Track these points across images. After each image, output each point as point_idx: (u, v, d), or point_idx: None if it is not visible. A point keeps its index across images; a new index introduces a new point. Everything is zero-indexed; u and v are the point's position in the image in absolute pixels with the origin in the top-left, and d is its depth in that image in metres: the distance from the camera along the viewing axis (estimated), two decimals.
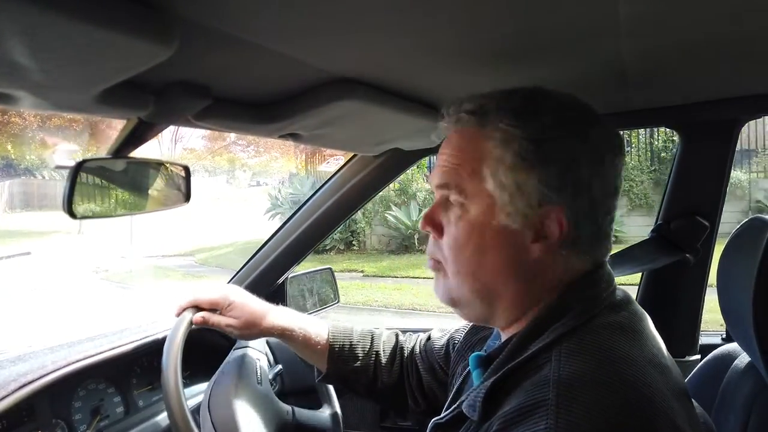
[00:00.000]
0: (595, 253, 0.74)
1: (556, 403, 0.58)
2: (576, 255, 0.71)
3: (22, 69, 0.59)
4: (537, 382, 0.62)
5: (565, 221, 0.69)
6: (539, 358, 0.66)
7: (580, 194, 0.69)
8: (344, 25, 0.68)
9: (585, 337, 0.66)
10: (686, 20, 0.73)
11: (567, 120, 0.71)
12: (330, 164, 14.12)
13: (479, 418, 0.66)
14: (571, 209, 0.69)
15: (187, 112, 0.87)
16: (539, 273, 0.71)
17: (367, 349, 1.16)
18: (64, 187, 0.87)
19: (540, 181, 0.68)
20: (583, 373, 0.61)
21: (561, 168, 0.68)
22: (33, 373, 1.06)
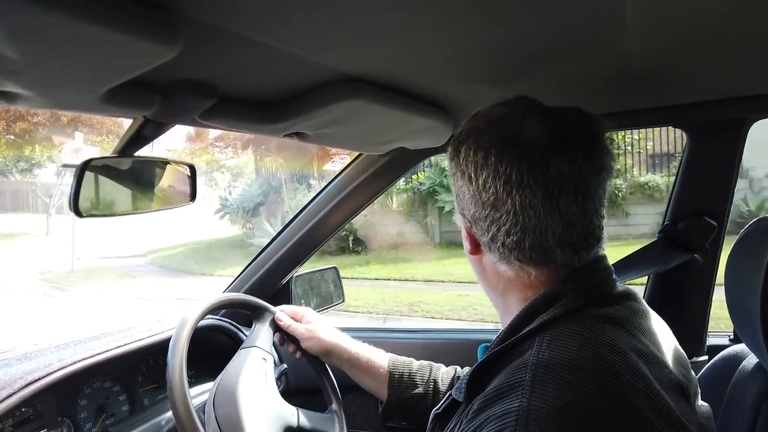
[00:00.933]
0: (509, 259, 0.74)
1: (531, 383, 0.61)
2: (497, 258, 0.75)
3: (29, 68, 0.59)
4: (517, 365, 0.65)
5: (465, 227, 0.79)
6: (523, 345, 0.69)
7: (466, 206, 0.76)
8: (351, 24, 0.67)
9: (569, 325, 0.68)
10: (693, 19, 0.73)
11: (458, 139, 0.77)
12: (335, 164, 14.10)
13: (464, 399, 0.71)
14: (467, 218, 0.77)
15: (193, 111, 0.87)
16: (483, 266, 0.80)
17: (426, 378, 1.24)
18: (71, 186, 0.87)
19: (453, 192, 0.80)
20: (561, 356, 0.63)
21: (454, 182, 0.78)
22: (39, 371, 1.06)
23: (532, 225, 0.70)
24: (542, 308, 0.71)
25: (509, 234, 0.71)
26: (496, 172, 0.70)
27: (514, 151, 0.70)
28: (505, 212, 0.71)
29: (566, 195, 0.70)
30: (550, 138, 0.70)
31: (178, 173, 1.07)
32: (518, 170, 0.69)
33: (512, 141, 0.71)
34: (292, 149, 14.29)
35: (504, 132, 0.72)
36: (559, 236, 0.71)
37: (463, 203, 0.76)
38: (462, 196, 0.76)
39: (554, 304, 0.71)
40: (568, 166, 0.69)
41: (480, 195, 0.72)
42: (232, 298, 1.31)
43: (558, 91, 1.05)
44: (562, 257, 0.72)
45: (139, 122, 0.87)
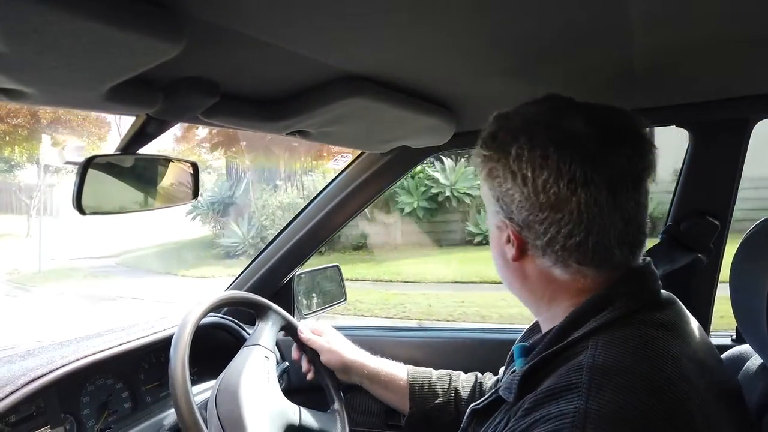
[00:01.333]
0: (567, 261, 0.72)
1: (588, 386, 0.61)
2: (550, 263, 0.74)
3: (33, 66, 0.59)
4: (571, 367, 0.65)
5: (513, 232, 0.75)
6: (576, 347, 0.68)
7: (516, 208, 0.73)
8: (353, 22, 0.67)
9: (623, 329, 0.68)
10: (696, 18, 0.73)
11: (498, 139, 0.74)
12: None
13: (514, 399, 0.71)
14: (515, 222, 0.74)
15: (196, 109, 0.87)
16: (526, 273, 0.77)
17: (446, 387, 1.24)
18: (74, 183, 0.88)
19: (492, 194, 0.76)
20: (617, 360, 0.63)
21: (498, 183, 0.74)
22: (42, 368, 1.07)
23: (596, 224, 0.69)
24: (593, 312, 0.70)
25: (571, 235, 0.70)
26: (558, 171, 0.68)
27: (575, 148, 0.68)
28: (568, 212, 0.69)
29: (626, 191, 0.70)
30: (604, 134, 0.70)
31: (180, 171, 1.07)
32: (582, 167, 0.68)
33: (571, 138, 0.69)
34: (258, 150, 14.38)
35: (558, 129, 0.70)
36: (619, 234, 0.70)
37: (511, 206, 0.73)
38: (509, 199, 0.73)
39: (607, 307, 0.70)
40: (626, 160, 0.69)
41: (537, 196, 0.70)
42: (234, 296, 1.31)
43: (559, 90, 1.05)
44: (619, 257, 0.71)
45: (142, 120, 0.87)
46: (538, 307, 0.80)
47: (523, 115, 0.74)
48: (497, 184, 0.74)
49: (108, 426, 1.23)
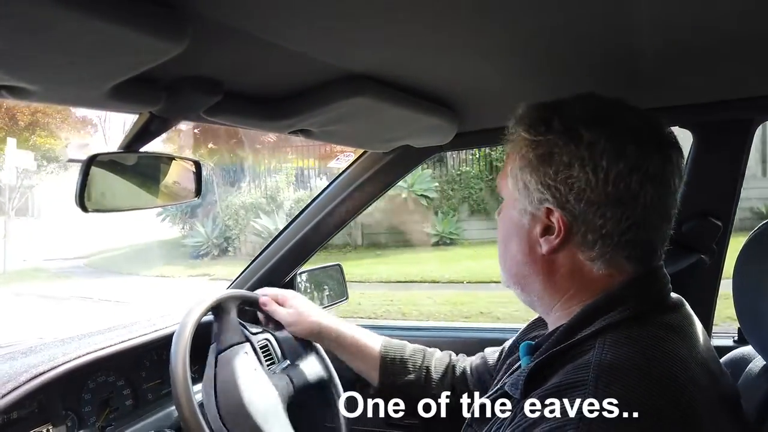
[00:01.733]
0: (616, 259, 0.72)
1: (595, 383, 0.61)
2: (588, 257, 0.72)
3: (37, 64, 0.59)
4: (578, 365, 0.65)
5: (562, 221, 0.72)
6: (583, 346, 0.68)
7: (575, 197, 0.71)
8: (357, 21, 0.67)
9: (632, 329, 0.67)
10: (700, 19, 0.72)
11: (566, 124, 0.72)
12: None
13: (520, 395, 0.70)
14: (567, 210, 0.71)
15: (199, 107, 0.87)
16: (556, 267, 0.75)
17: (418, 364, 1.20)
18: (77, 181, 0.88)
19: (539, 181, 0.73)
20: (625, 359, 0.63)
21: (556, 169, 0.71)
22: (43, 365, 1.07)
23: (653, 221, 0.70)
24: (602, 311, 0.70)
25: (630, 230, 0.69)
26: (635, 165, 0.68)
27: (652, 142, 0.69)
28: (633, 207, 0.69)
29: (674, 192, 0.71)
30: (665, 135, 0.71)
31: (183, 169, 1.07)
32: (654, 164, 0.68)
33: (645, 134, 0.70)
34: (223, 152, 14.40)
35: (630, 123, 0.70)
36: (662, 234, 0.71)
37: (567, 195, 0.71)
38: (566, 187, 0.70)
39: (616, 307, 0.70)
40: (675, 164, 0.71)
41: (606, 186, 0.68)
42: (234, 294, 1.31)
43: (562, 90, 1.04)
44: (659, 256, 0.73)
45: (145, 118, 0.87)
46: (553, 305, 0.78)
47: (581, 106, 0.74)
48: (553, 171, 0.71)
49: (109, 423, 1.23)
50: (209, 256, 12.44)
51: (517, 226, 0.77)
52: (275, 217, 11.75)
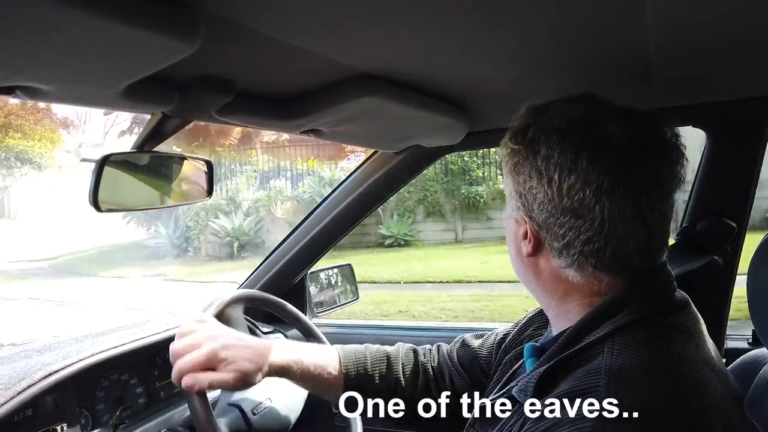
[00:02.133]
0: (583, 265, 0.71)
1: (606, 389, 0.61)
2: (563, 264, 0.73)
3: (51, 64, 0.60)
4: (589, 370, 0.65)
5: (530, 229, 0.74)
6: (592, 350, 0.68)
7: (537, 207, 0.72)
8: (368, 21, 0.68)
9: (640, 332, 0.67)
10: (715, 18, 0.72)
11: (534, 135, 0.72)
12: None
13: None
14: (534, 220, 0.73)
15: (211, 107, 0.87)
16: (540, 270, 0.76)
17: (384, 372, 1.07)
18: (90, 181, 0.88)
19: (514, 189, 0.75)
20: (635, 363, 0.63)
21: (523, 180, 0.73)
22: (58, 363, 1.08)
23: (617, 234, 0.68)
24: (608, 314, 0.70)
25: (590, 242, 0.69)
26: (586, 178, 0.67)
27: (607, 157, 0.67)
28: (590, 220, 0.68)
29: (652, 203, 0.69)
30: (640, 143, 0.69)
31: (194, 169, 1.08)
32: (611, 177, 0.67)
33: (604, 145, 0.68)
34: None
35: (593, 134, 0.69)
36: (640, 244, 0.69)
37: (532, 205, 0.72)
38: (531, 197, 0.72)
39: (622, 310, 0.69)
40: (655, 172, 0.68)
41: (561, 200, 0.69)
42: (246, 294, 1.32)
43: (575, 90, 1.04)
44: (637, 264, 0.70)
45: (158, 118, 0.88)
46: (549, 303, 0.79)
47: (558, 113, 0.73)
48: (522, 180, 0.73)
49: (122, 421, 1.25)
50: (170, 256, 12.63)
51: (510, 227, 0.80)
52: (233, 217, 11.94)
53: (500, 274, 8.03)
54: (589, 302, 0.73)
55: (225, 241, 12.04)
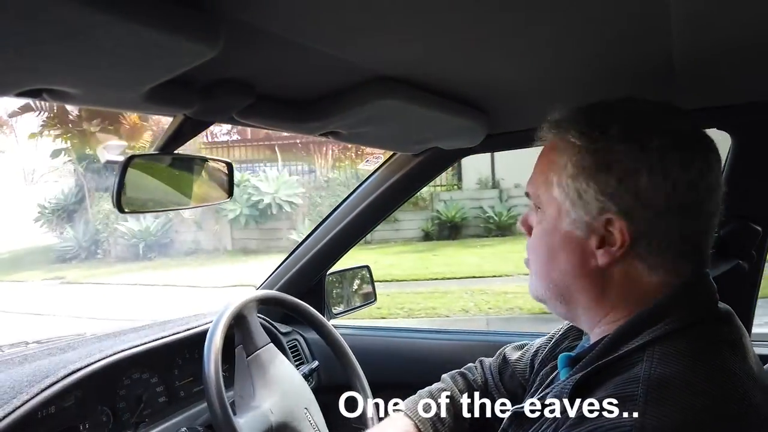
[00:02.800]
0: (677, 265, 0.70)
1: (644, 399, 0.59)
2: (649, 266, 0.70)
3: (78, 68, 0.61)
4: (627, 378, 0.63)
5: (626, 230, 0.68)
6: (631, 358, 0.66)
7: (642, 204, 0.68)
8: (387, 24, 0.68)
9: (681, 342, 0.65)
10: (739, 18, 0.70)
11: (629, 129, 0.70)
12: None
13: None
14: (632, 219, 0.68)
15: (231, 110, 0.88)
16: (610, 280, 0.72)
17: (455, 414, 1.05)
18: (114, 182, 0.90)
19: (599, 189, 0.69)
20: (675, 374, 0.62)
21: (619, 177, 0.68)
22: (81, 361, 1.10)
23: (712, 227, 0.70)
24: (649, 323, 0.68)
25: (693, 237, 0.69)
26: (701, 174, 0.67)
27: (711, 151, 0.70)
28: (698, 215, 0.69)
29: (719, 198, 0.71)
30: (706, 140, 0.71)
31: (215, 170, 1.09)
32: (715, 173, 0.69)
33: (705, 141, 0.70)
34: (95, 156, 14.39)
35: (693, 131, 0.70)
36: (711, 240, 0.71)
37: (633, 203, 0.68)
38: (631, 196, 0.68)
39: (663, 319, 0.67)
40: (718, 170, 0.71)
41: (674, 195, 0.67)
42: (265, 295, 1.33)
43: (596, 91, 1.03)
44: (706, 263, 0.72)
45: (179, 120, 0.89)
46: (599, 318, 0.75)
47: (639, 110, 0.72)
48: (616, 179, 0.68)
49: (143, 419, 1.26)
50: (77, 259, 12.90)
51: (568, 237, 0.73)
52: (141, 219, 12.22)
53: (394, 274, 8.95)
54: (633, 309, 0.71)
55: (131, 243, 12.39)
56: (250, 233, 12.52)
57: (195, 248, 12.58)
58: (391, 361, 1.61)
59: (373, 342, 1.66)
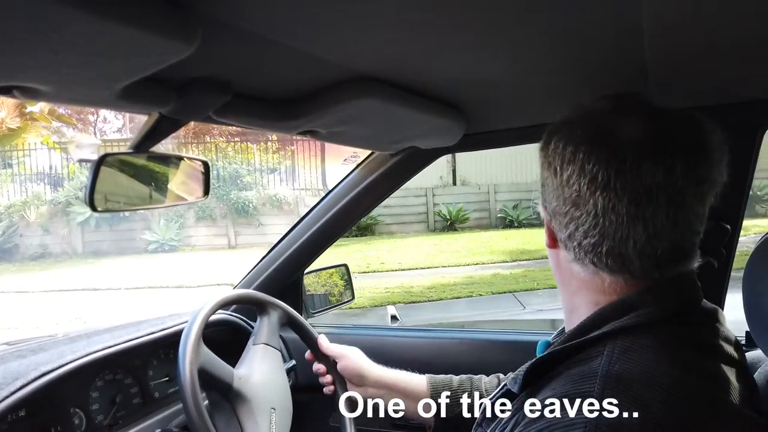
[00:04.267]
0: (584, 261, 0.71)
1: (600, 395, 0.59)
2: (569, 256, 0.73)
3: (49, 64, 0.60)
4: (585, 373, 0.63)
5: (545, 219, 0.76)
6: (591, 350, 0.67)
7: (546, 197, 0.74)
8: (366, 23, 0.68)
9: (644, 338, 0.66)
10: (709, 22, 0.72)
11: (549, 130, 0.74)
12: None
13: (519, 389, 0.71)
14: (546, 209, 0.75)
15: (208, 108, 0.87)
16: (561, 263, 0.76)
17: (468, 391, 1.18)
18: (87, 181, 0.88)
19: (542, 188, 0.76)
20: (632, 370, 0.62)
21: (543, 179, 0.75)
22: (52, 363, 1.08)
23: (612, 230, 0.67)
24: (615, 315, 0.69)
25: (587, 235, 0.69)
26: (581, 170, 0.67)
27: (604, 151, 0.66)
28: (586, 212, 0.68)
29: (656, 205, 0.66)
30: (648, 141, 0.66)
31: (191, 169, 1.08)
32: (605, 171, 0.66)
33: (604, 139, 0.67)
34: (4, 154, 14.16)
35: (598, 128, 0.69)
36: (641, 247, 0.67)
37: (546, 195, 0.74)
38: (546, 188, 0.74)
39: (629, 313, 0.68)
40: (662, 174, 0.65)
41: (562, 190, 0.69)
42: (243, 294, 1.32)
43: (571, 91, 1.04)
44: (640, 268, 0.68)
45: (155, 118, 0.87)
46: (565, 299, 0.79)
47: (586, 109, 0.73)
48: (541, 171, 0.75)
49: (117, 421, 1.24)
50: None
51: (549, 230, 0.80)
52: None
53: None
54: (596, 300, 0.72)
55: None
56: (102, 235, 12.36)
57: (42, 252, 12.32)
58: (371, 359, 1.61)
59: (351, 341, 1.66)
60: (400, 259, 10.20)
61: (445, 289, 8.07)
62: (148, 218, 12.12)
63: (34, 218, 12.29)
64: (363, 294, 7.80)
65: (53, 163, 13.31)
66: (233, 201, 12.02)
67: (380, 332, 1.75)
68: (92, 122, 19.28)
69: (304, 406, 1.46)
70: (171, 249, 11.92)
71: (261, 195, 12.38)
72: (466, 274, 9.01)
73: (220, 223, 12.23)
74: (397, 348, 1.60)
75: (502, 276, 8.72)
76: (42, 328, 7.11)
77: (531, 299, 7.24)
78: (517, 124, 1.34)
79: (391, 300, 7.60)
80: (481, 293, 7.79)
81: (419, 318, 6.79)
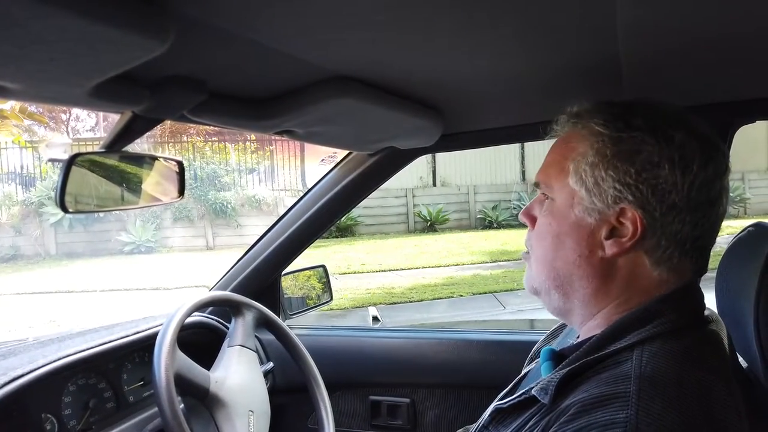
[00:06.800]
0: (680, 264, 0.71)
1: (637, 396, 0.60)
2: (655, 261, 0.70)
3: (15, 61, 0.58)
4: (618, 375, 0.64)
5: (640, 223, 0.69)
6: (619, 356, 0.67)
7: (658, 198, 0.68)
8: (342, 22, 0.67)
9: (670, 343, 0.66)
10: (683, 24, 0.73)
11: (653, 122, 0.70)
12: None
13: (550, 401, 0.68)
14: (648, 212, 0.69)
15: (182, 107, 0.86)
16: (614, 272, 0.72)
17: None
18: (57, 181, 0.87)
19: (617, 179, 0.69)
20: (666, 372, 0.63)
21: (639, 169, 0.68)
22: (23, 368, 1.05)
23: (716, 232, 0.71)
24: (637, 324, 0.69)
25: (702, 237, 0.70)
26: (718, 171, 0.68)
27: (724, 155, 0.70)
28: (710, 214, 0.69)
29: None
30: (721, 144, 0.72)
31: (166, 169, 1.07)
32: (727, 176, 0.70)
33: (718, 144, 0.71)
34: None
35: (710, 133, 0.71)
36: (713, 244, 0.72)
37: (650, 195, 0.68)
38: (649, 187, 0.68)
39: (652, 321, 0.68)
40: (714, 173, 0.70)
41: (690, 191, 0.67)
42: (218, 296, 1.31)
43: (547, 92, 1.05)
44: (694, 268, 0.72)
45: (128, 117, 0.86)
46: (595, 312, 0.75)
47: (660, 109, 0.73)
48: (636, 169, 0.68)
49: (90, 426, 1.22)
50: None
51: (578, 224, 0.73)
52: None
53: None
54: (632, 305, 0.72)
55: None
56: (76, 236, 12.13)
57: (14, 254, 12.03)
58: (348, 360, 1.61)
59: (333, 342, 1.65)
60: (381, 260, 10.20)
61: (426, 289, 8.07)
62: (124, 219, 11.91)
63: (6, 219, 12.02)
64: (344, 295, 7.77)
65: (25, 163, 13.01)
66: (211, 202, 11.89)
67: (361, 333, 1.75)
68: (65, 121, 18.87)
69: (283, 409, 1.45)
70: (147, 250, 11.73)
71: (239, 195, 12.28)
72: (446, 274, 9.02)
73: (198, 224, 12.08)
74: (378, 349, 1.60)
75: (482, 276, 8.75)
76: (15, 332, 6.93)
77: (511, 299, 7.28)
78: (494, 125, 1.35)
79: (372, 301, 7.57)
80: (462, 294, 7.80)
81: (400, 319, 6.79)
